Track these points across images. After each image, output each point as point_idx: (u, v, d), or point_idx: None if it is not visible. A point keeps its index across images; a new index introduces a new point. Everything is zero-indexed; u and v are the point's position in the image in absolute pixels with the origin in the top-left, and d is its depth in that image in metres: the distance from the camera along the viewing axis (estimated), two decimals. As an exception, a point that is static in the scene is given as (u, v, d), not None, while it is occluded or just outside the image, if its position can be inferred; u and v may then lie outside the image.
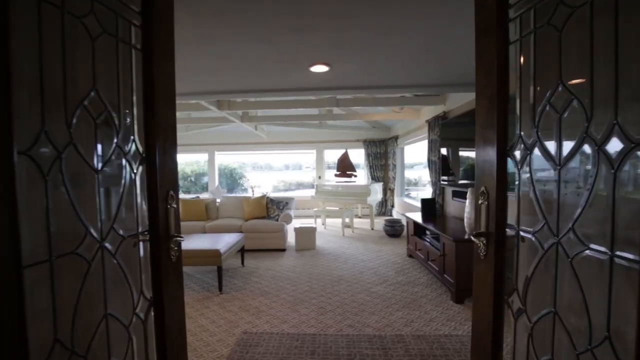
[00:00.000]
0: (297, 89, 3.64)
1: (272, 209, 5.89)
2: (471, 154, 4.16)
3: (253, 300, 3.44)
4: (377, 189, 7.62)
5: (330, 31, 2.23)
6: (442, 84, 3.74)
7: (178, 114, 7.29)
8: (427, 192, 7.71)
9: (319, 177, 9.52)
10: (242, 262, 4.70)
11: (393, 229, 6.29)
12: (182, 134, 9.08)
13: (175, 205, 1.35)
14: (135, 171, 1.18)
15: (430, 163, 5.45)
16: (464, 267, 3.26)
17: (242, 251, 4.69)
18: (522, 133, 1.13)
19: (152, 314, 1.27)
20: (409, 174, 8.83)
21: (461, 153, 4.47)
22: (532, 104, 1.07)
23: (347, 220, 7.67)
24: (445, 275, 3.57)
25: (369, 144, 9.12)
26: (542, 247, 1.03)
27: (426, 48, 2.60)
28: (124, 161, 1.13)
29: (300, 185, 12.52)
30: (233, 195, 6.56)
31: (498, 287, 1.21)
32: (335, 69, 3.04)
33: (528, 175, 1.10)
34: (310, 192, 9.39)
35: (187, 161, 12.03)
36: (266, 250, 5.49)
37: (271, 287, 3.84)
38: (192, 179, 13.05)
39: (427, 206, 4.94)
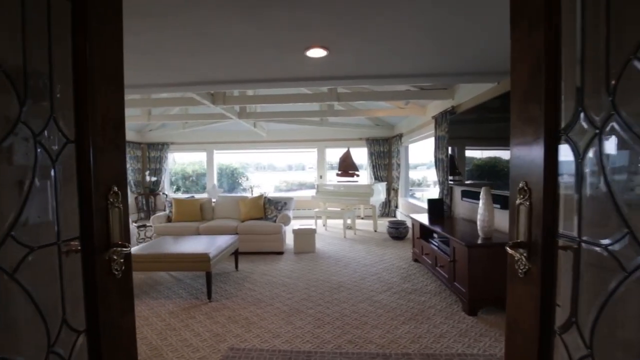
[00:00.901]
0: (292, 79, 3.33)
1: (269, 209, 5.59)
2: (485, 152, 3.84)
3: (244, 310, 3.13)
4: (381, 189, 7.30)
5: (329, 5, 1.93)
6: (453, 72, 3.41)
7: (175, 110, 7.01)
8: (433, 193, 7.40)
9: (320, 177, 9.22)
10: (236, 266, 4.40)
11: (397, 231, 5.97)
12: (179, 132, 8.83)
13: (120, 205, 1.04)
14: (54, 158, 0.88)
15: (437, 161, 5.12)
16: (478, 274, 2.93)
17: (236, 254, 4.39)
18: (585, 105, 0.81)
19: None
20: (413, 174, 8.50)
21: (472, 151, 4.14)
22: (605, 59, 0.75)
23: (348, 221, 7.36)
24: (456, 284, 3.24)
25: (371, 142, 8.81)
26: (622, 266, 0.71)
27: (435, 26, 2.28)
28: (34, 143, 0.83)
29: (302, 186, 12.25)
30: (229, 195, 6.27)
31: (546, 317, 0.90)
32: (334, 54, 2.73)
33: (595, 165, 0.78)
34: (312, 193, 9.09)
35: (190, 160, 11.73)
36: (263, 253, 5.19)
37: (265, 294, 3.53)
38: (194, 178, 12.82)
39: (435, 207, 4.62)
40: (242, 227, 5.16)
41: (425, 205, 6.34)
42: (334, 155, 9.51)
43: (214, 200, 6.04)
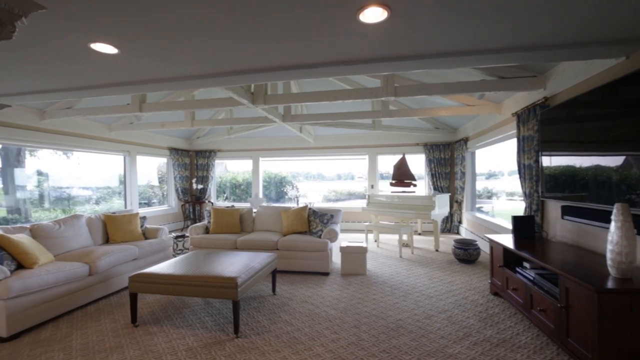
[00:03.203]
0: (337, 62, 2.65)
1: (314, 222, 4.94)
2: (600, 157, 2.78)
3: (276, 355, 2.46)
4: (444, 201, 6.28)
5: None
6: (558, 44, 2.48)
7: (221, 115, 6.74)
8: (506, 206, 6.18)
9: (372, 187, 8.40)
10: (273, 289, 3.78)
11: (466, 253, 4.94)
12: (225, 138, 8.66)
13: None
14: None
15: (521, 168, 4.08)
16: (614, 334, 1.95)
17: (274, 274, 3.78)
18: None
19: None
20: (482, 185, 7.29)
21: (576, 157, 3.07)
22: None
23: (404, 237, 6.44)
24: (571, 340, 2.26)
25: (430, 148, 7.80)
26: None
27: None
28: None
29: (351, 195, 11.52)
30: (271, 205, 5.76)
31: None
32: (396, 18, 2.00)
33: None
34: (362, 203, 8.30)
35: (244, 169, 11.57)
36: (305, 273, 4.53)
37: (304, 331, 2.84)
38: (244, 187, 12.77)
39: (521, 226, 3.59)
40: (283, 243, 4.56)
41: (499, 222, 5.24)
42: (387, 163, 8.65)
43: (254, 210, 5.56)
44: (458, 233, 7.54)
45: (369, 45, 2.39)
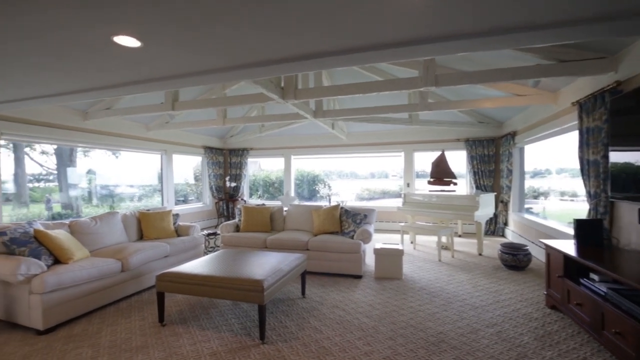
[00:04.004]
0: (374, 46, 2.39)
1: (346, 222, 4.70)
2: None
3: (303, 366, 2.27)
4: (489, 201, 5.77)
5: None
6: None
7: (253, 113, 6.70)
8: (558, 207, 5.53)
9: (407, 185, 7.99)
10: (303, 291, 3.60)
11: (515, 259, 4.46)
12: (257, 136, 8.65)
13: None
14: None
15: (584, 165, 3.56)
16: None
17: (304, 276, 3.60)
18: None
19: None
20: (531, 183, 6.64)
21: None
22: None
23: (444, 239, 6.02)
24: (660, 373, 1.84)
25: (472, 143, 7.25)
26: None
27: None
28: None
29: (385, 194, 11.14)
30: (302, 204, 5.60)
31: None
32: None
33: None
34: (396, 202, 7.93)
35: (277, 168, 11.59)
36: (337, 275, 4.31)
37: (334, 341, 2.62)
38: (277, 185, 12.83)
39: (587, 232, 3.11)
40: (314, 243, 4.37)
41: (554, 225, 4.68)
42: (424, 160, 8.18)
43: (285, 209, 5.43)
44: (503, 236, 6.94)
45: (408, 23, 2.11)
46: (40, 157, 7.30)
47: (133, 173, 8.09)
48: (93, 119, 5.48)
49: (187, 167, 9.27)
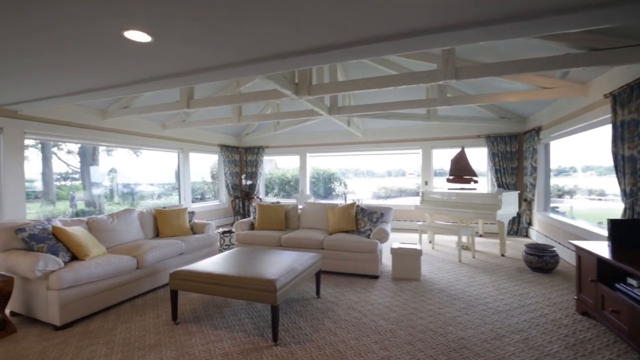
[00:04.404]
0: (389, 36, 2.27)
1: (362, 221, 4.59)
2: None
3: (317, 370, 2.19)
4: (512, 199, 5.51)
5: None
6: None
7: (269, 110, 6.67)
8: (586, 206, 5.19)
9: (425, 183, 7.78)
10: (317, 291, 3.52)
11: (541, 260, 4.23)
12: (272, 134, 8.63)
13: None
14: None
15: (618, 160, 3.32)
16: None
17: (319, 276, 3.51)
18: None
19: None
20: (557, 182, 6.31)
21: None
22: None
23: (464, 239, 5.81)
24: None
25: (494, 140, 6.97)
26: None
27: None
28: None
29: (402, 192, 10.93)
30: (317, 202, 5.51)
31: None
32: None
33: None
34: (414, 201, 7.73)
35: (293, 166, 11.57)
36: (352, 275, 4.20)
37: (350, 344, 2.52)
38: (292, 183, 12.82)
39: (623, 233, 2.89)
40: (329, 242, 4.28)
41: (584, 226, 4.41)
42: (442, 157, 7.94)
43: (300, 207, 5.36)
44: (527, 236, 6.65)
45: (433, 8, 1.98)
46: (66, 156, 7.62)
47: (152, 172, 8.31)
48: (112, 117, 5.56)
49: (205, 165, 9.36)
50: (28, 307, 2.97)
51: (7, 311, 3.07)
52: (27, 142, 4.82)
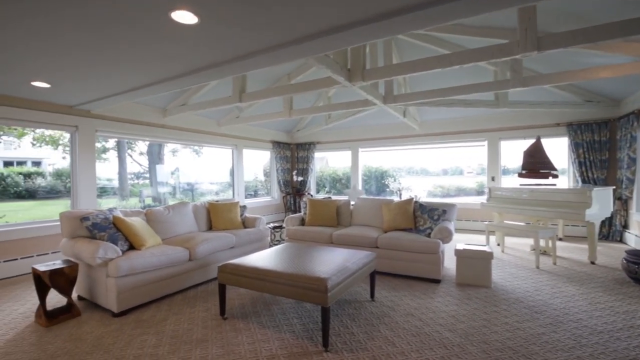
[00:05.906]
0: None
1: (421, 218, 4.16)
2: None
3: (373, 385, 1.90)
4: (605, 197, 4.63)
5: None
6: None
7: (320, 103, 6.50)
8: None
9: (492, 179, 6.99)
10: (372, 294, 3.21)
11: (649, 271, 3.44)
12: (323, 129, 8.46)
13: None
14: None
15: None
16: None
17: (373, 276, 3.21)
18: None
19: None
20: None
21: None
22: None
23: (542, 243, 5.05)
24: None
25: (577, 128, 6.00)
26: None
27: None
28: None
29: (460, 191, 10.11)
30: (370, 197, 5.17)
31: None
32: None
33: None
34: (473, 200, 6.99)
35: (344, 165, 11.36)
36: (411, 278, 3.82)
37: (410, 357, 2.18)
38: (344, 180, 12.61)
39: None
40: (384, 240, 3.94)
41: None
42: (511, 151, 7.07)
43: (352, 203, 5.07)
44: (621, 241, 5.61)
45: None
46: (139, 158, 8.51)
47: (210, 171, 8.88)
48: (171, 115, 5.79)
49: (257, 164, 9.56)
50: (92, 293, 3.10)
51: (74, 295, 3.25)
52: (107, 144, 5.19)
